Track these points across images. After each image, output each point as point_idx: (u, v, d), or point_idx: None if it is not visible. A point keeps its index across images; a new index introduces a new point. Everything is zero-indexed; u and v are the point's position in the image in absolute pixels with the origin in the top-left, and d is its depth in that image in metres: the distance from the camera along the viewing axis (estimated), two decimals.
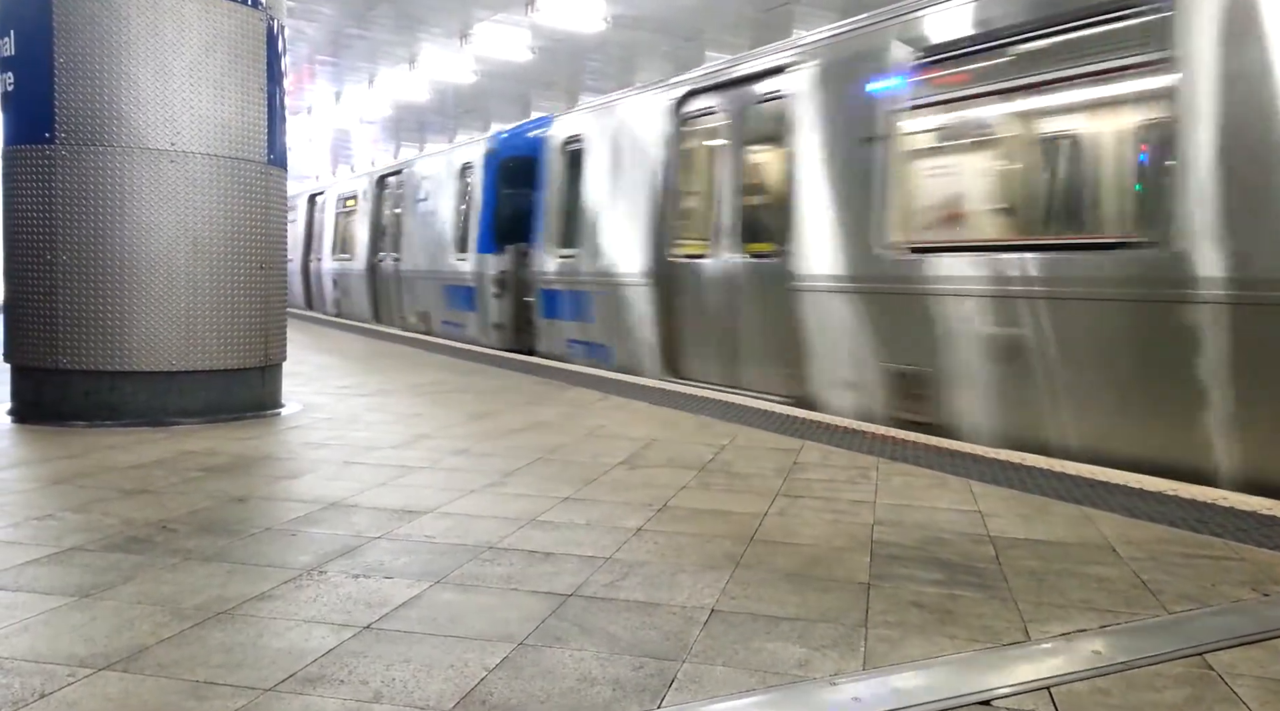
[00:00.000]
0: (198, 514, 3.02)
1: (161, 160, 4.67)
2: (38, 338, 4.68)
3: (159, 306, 4.69)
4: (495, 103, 21.22)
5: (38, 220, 4.65)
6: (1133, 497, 3.41)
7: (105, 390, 4.67)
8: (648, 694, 1.77)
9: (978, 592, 2.37)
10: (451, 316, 11.21)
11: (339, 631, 2.04)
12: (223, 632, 2.02)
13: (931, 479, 3.70)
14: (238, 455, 4.02)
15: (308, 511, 3.08)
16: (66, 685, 1.75)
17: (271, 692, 1.74)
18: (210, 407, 4.86)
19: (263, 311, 5.09)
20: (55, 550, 2.61)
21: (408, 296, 12.57)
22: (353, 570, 2.47)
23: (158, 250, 4.68)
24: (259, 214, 5.02)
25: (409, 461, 3.92)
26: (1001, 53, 4.72)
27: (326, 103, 22.57)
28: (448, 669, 1.86)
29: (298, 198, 18.46)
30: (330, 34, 16.90)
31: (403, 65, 18.26)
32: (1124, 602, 2.31)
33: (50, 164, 4.61)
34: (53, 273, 4.63)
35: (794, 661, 1.93)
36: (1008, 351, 4.56)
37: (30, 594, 2.25)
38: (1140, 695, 1.80)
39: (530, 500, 3.27)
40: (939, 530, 2.96)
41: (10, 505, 3.11)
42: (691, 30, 15.08)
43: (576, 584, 2.39)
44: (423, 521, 2.97)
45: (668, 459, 4.04)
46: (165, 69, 4.65)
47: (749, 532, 2.90)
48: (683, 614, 2.19)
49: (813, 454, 4.19)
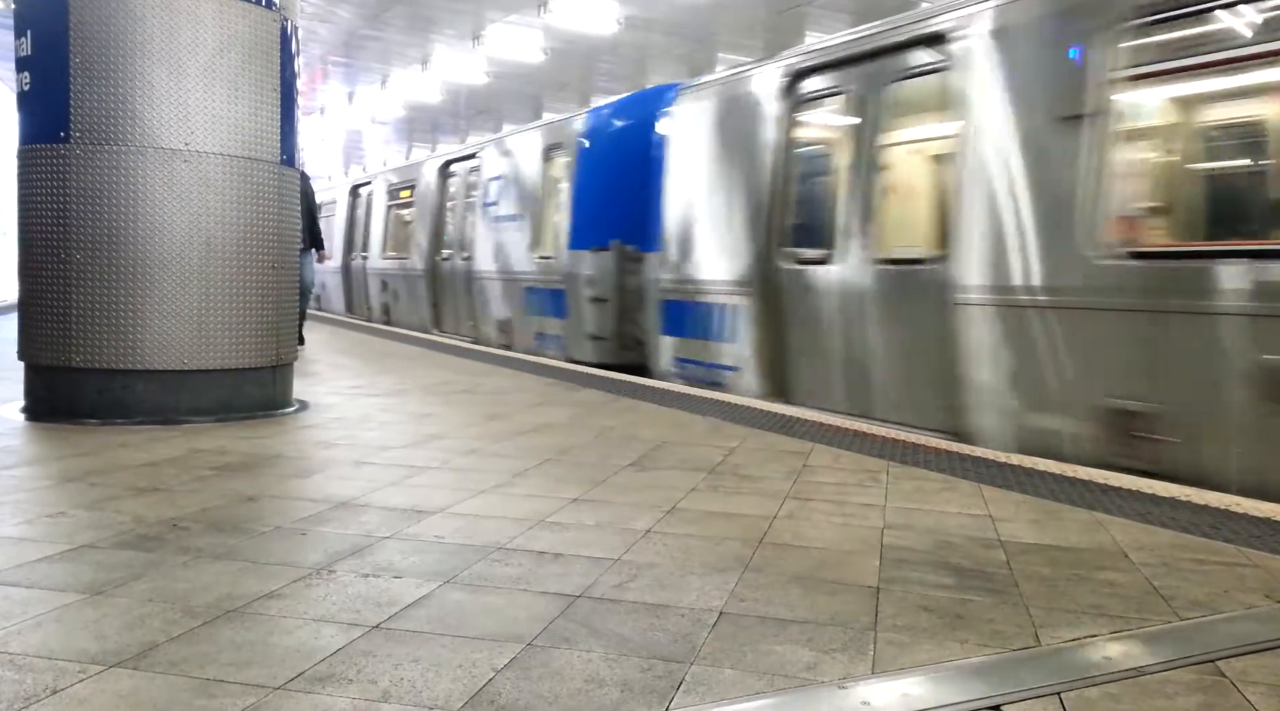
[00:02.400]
0: (209, 512, 3.03)
1: (175, 160, 4.70)
2: (51, 336, 4.71)
3: (172, 306, 4.71)
4: (507, 104, 21.27)
5: (52, 219, 4.68)
6: (1145, 503, 3.39)
7: (118, 388, 4.69)
8: (656, 695, 1.76)
9: (988, 597, 2.36)
10: (542, 326, 9.53)
11: (348, 630, 2.05)
12: (233, 630, 2.03)
13: (942, 483, 3.69)
14: (249, 454, 4.03)
15: (318, 510, 3.09)
16: (77, 681, 1.76)
17: (281, 691, 1.74)
18: (221, 406, 4.88)
19: (274, 311, 5.11)
20: (67, 547, 2.62)
21: (480, 301, 10.82)
22: (362, 569, 2.48)
23: (171, 249, 4.71)
24: (271, 214, 5.04)
25: (419, 461, 3.93)
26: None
27: (339, 103, 22.66)
28: (456, 668, 1.86)
29: (334, 189, 17.24)
30: (343, 35, 16.97)
31: (415, 66, 18.32)
32: (1136, 608, 2.30)
33: (65, 163, 4.64)
34: (67, 271, 4.66)
35: (803, 664, 1.92)
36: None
37: (42, 590, 2.27)
38: (1152, 701, 1.78)
39: (539, 501, 3.28)
40: (949, 534, 2.94)
41: (23, 502, 3.13)
42: (703, 32, 15.08)
43: (585, 585, 2.39)
44: (432, 521, 2.98)
45: (677, 461, 4.03)
46: (180, 69, 4.68)
47: (758, 535, 2.89)
48: (691, 616, 2.19)
49: (823, 457, 4.18)
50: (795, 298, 6.12)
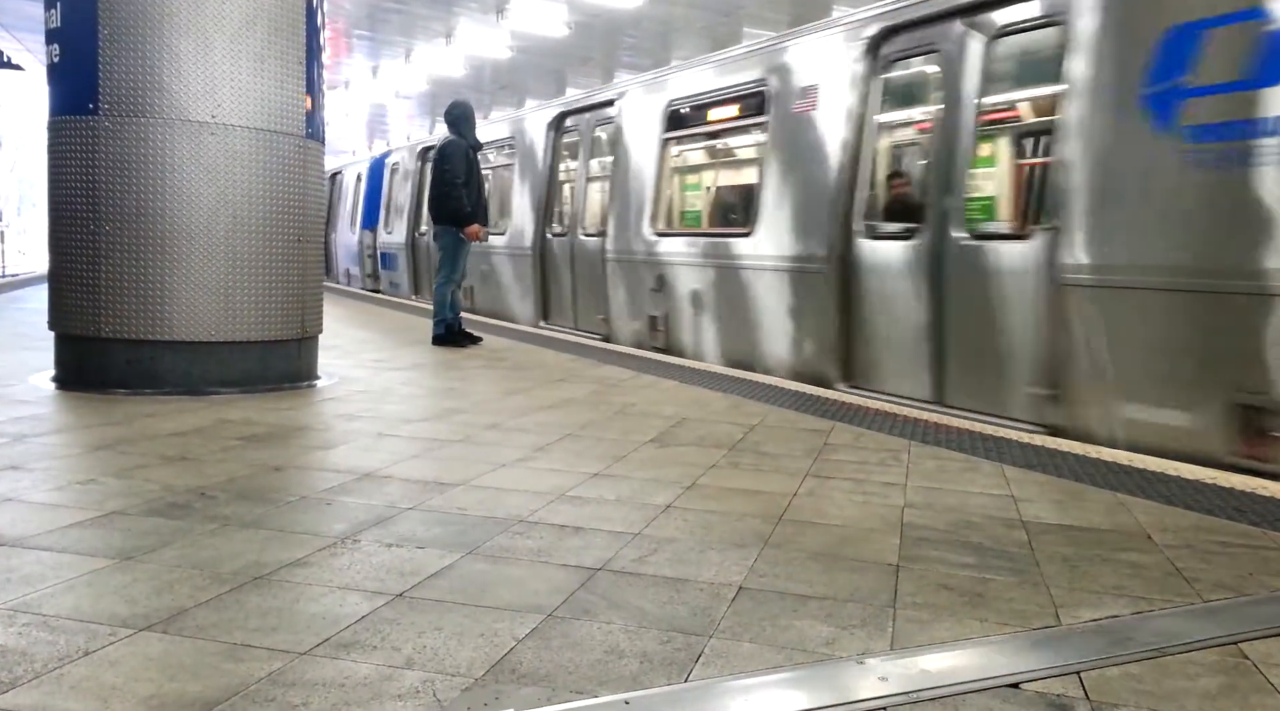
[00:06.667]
0: (235, 481, 3.08)
1: (202, 132, 4.72)
2: (81, 307, 4.77)
3: (199, 277, 4.76)
4: (530, 79, 21.18)
5: (82, 191, 4.73)
6: (1169, 485, 3.36)
7: (146, 359, 4.75)
8: (675, 667, 1.78)
9: (1009, 576, 2.36)
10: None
11: (372, 598, 2.08)
12: (259, 597, 2.07)
13: (964, 463, 3.67)
14: (274, 425, 4.08)
15: (342, 481, 3.13)
16: (109, 644, 1.80)
17: (306, 656, 1.77)
18: (247, 378, 4.93)
19: (300, 284, 5.14)
20: (98, 513, 2.67)
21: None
22: (386, 539, 2.51)
23: (198, 222, 4.75)
24: (297, 187, 5.06)
25: (441, 434, 3.96)
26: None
27: (364, 77, 22.65)
28: (478, 637, 1.88)
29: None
30: (368, 8, 16.92)
31: (439, 40, 18.25)
32: (1158, 589, 2.29)
33: (94, 135, 4.68)
34: (96, 243, 4.71)
35: (821, 640, 1.93)
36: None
37: (74, 555, 2.31)
38: (1173, 682, 1.78)
39: (560, 475, 3.30)
40: (970, 513, 2.94)
41: (54, 469, 3.19)
42: (729, 5, 14.92)
43: (605, 558, 2.40)
44: (454, 493, 3.01)
45: (697, 438, 4.04)
46: (207, 42, 4.70)
47: (778, 512, 2.90)
48: (710, 590, 2.20)
49: (843, 435, 4.17)
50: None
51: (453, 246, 7.44)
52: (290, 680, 1.67)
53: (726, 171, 8.33)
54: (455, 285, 7.55)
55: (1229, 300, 3.84)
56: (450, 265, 7.47)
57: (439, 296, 7.50)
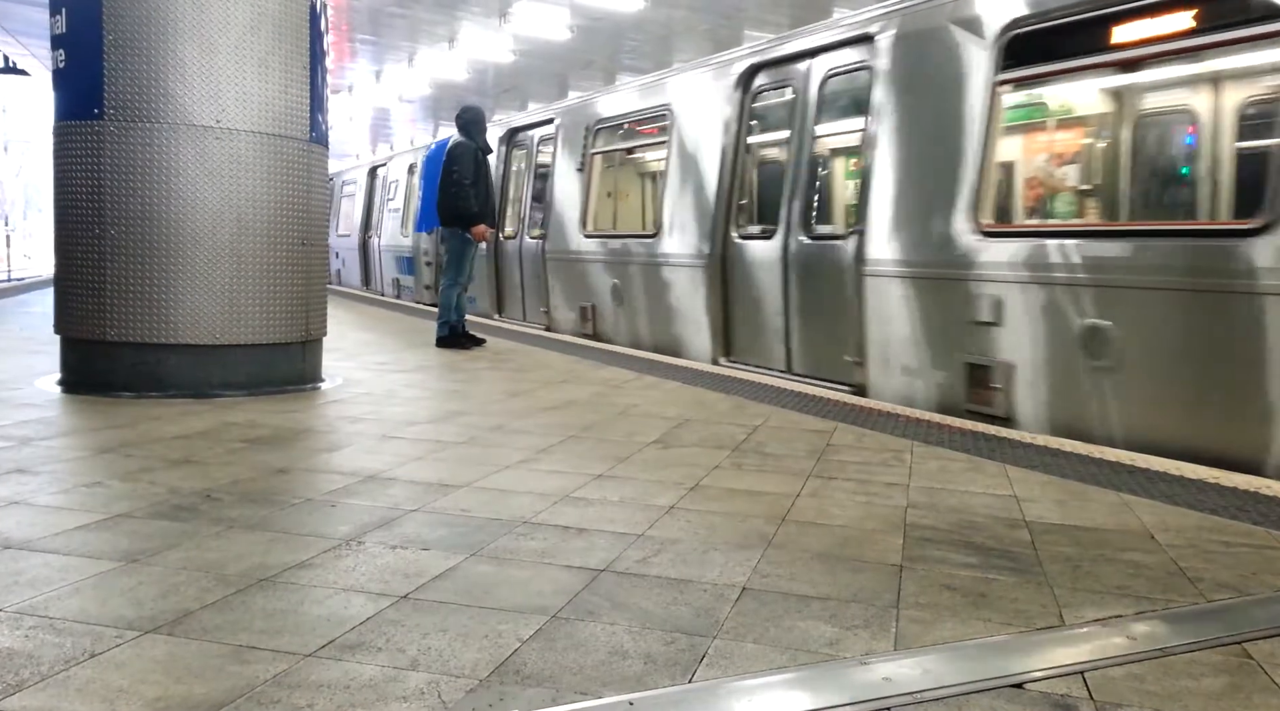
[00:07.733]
0: (240, 484, 3.09)
1: (207, 137, 4.74)
2: (87, 310, 4.79)
3: (203, 281, 4.78)
4: (533, 83, 21.21)
5: (87, 195, 4.75)
6: (1172, 485, 3.36)
7: (151, 362, 4.77)
8: (679, 668, 1.78)
9: (1012, 576, 2.36)
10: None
11: (377, 600, 2.08)
12: (265, 599, 2.07)
13: (966, 463, 3.67)
14: (279, 427, 4.09)
15: (347, 483, 3.14)
16: (115, 646, 1.81)
17: (311, 658, 1.78)
18: (252, 381, 4.95)
19: (304, 287, 5.16)
20: (104, 516, 2.68)
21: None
22: (390, 541, 2.52)
23: (203, 225, 4.76)
24: (301, 191, 5.08)
25: (445, 436, 3.97)
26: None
27: (367, 81, 22.70)
28: (482, 639, 1.89)
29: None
30: (371, 12, 16.95)
31: (442, 44, 18.28)
32: (1161, 589, 2.29)
33: (99, 139, 4.70)
34: (101, 247, 4.73)
35: (825, 640, 1.93)
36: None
37: (80, 558, 2.32)
38: (1177, 682, 1.78)
39: (564, 477, 3.30)
40: (973, 514, 2.94)
41: (60, 472, 3.20)
42: (730, 8, 14.93)
43: (609, 559, 2.41)
44: (458, 495, 3.01)
45: (700, 439, 4.05)
46: (211, 47, 4.72)
47: (781, 513, 2.90)
48: (714, 591, 2.20)
49: (846, 436, 4.18)
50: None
51: (460, 248, 7.50)
52: (295, 682, 1.68)
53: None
54: (462, 288, 7.59)
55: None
56: (457, 267, 7.52)
57: (445, 299, 7.56)
